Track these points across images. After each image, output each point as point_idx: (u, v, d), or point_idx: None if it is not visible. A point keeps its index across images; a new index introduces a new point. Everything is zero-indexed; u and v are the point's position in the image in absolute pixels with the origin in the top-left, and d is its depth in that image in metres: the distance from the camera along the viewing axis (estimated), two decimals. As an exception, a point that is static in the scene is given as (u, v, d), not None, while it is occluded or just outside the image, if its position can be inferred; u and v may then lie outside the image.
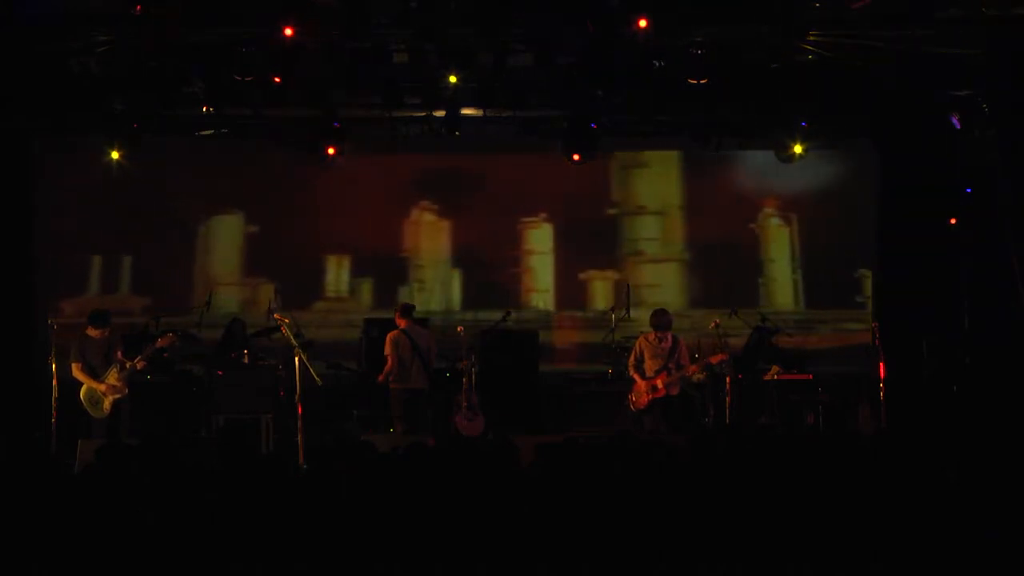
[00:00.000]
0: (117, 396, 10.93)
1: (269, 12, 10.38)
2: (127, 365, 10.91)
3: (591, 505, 5.40)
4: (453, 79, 11.92)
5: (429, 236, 15.14)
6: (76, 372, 10.91)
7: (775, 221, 15.09)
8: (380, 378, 11.94)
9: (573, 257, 15.06)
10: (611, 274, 15.00)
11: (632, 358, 11.71)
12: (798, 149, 13.72)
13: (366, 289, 15.01)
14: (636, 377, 11.58)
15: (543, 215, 15.03)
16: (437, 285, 15.09)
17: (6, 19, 10.25)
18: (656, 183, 15.18)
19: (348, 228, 14.77)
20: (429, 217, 15.12)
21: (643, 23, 10.22)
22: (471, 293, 15.01)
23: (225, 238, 14.77)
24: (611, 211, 15.16)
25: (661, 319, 11.68)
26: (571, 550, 5.10)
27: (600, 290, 15.07)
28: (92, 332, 10.99)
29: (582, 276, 15.07)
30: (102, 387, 10.87)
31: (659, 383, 11.41)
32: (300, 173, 14.42)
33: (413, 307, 12.46)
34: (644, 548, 5.15)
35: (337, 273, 15.04)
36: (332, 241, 14.89)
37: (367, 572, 4.99)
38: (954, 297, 13.73)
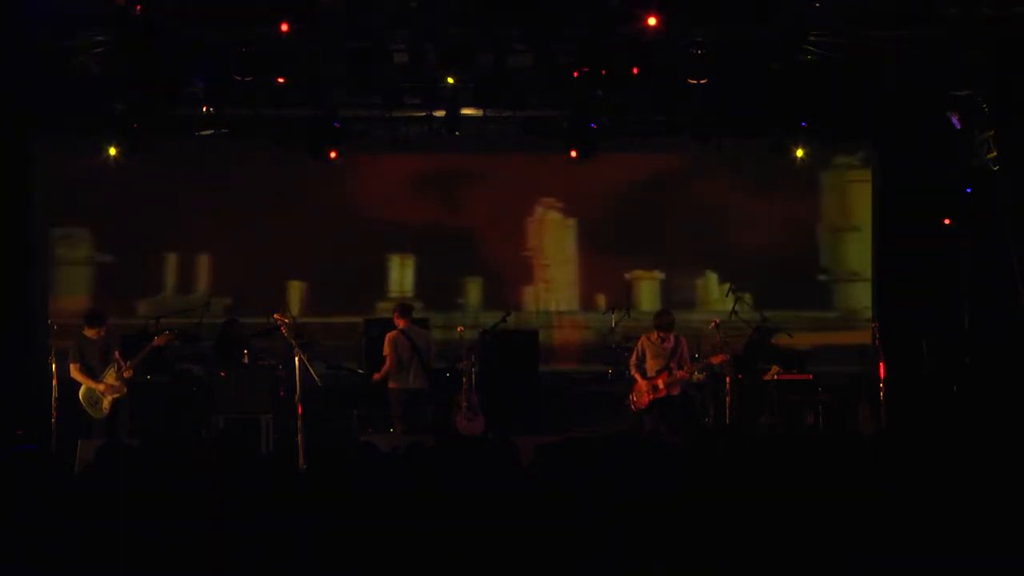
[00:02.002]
0: (116, 396, 10.93)
1: (269, 12, 10.36)
2: (121, 368, 10.92)
3: (591, 504, 5.40)
4: (451, 80, 11.92)
5: (554, 235, 15.09)
6: (74, 373, 10.93)
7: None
8: (376, 376, 11.95)
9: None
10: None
11: (634, 357, 11.71)
12: (800, 152, 13.73)
13: (474, 289, 14.95)
14: (637, 376, 11.58)
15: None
16: (564, 286, 15.06)
17: (7, 19, 10.24)
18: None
19: (415, 226, 14.77)
20: (554, 216, 15.09)
21: (652, 21, 10.18)
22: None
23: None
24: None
25: (664, 319, 11.69)
26: (571, 550, 5.10)
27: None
28: (89, 332, 11.00)
29: (628, 276, 15.03)
30: (100, 387, 10.88)
31: (660, 383, 11.41)
32: (354, 171, 14.41)
33: (411, 307, 12.45)
34: (644, 548, 5.14)
35: (401, 272, 15.00)
36: (395, 239, 14.88)
37: (367, 572, 4.99)
38: (954, 297, 13.72)
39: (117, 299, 14.14)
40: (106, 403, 10.89)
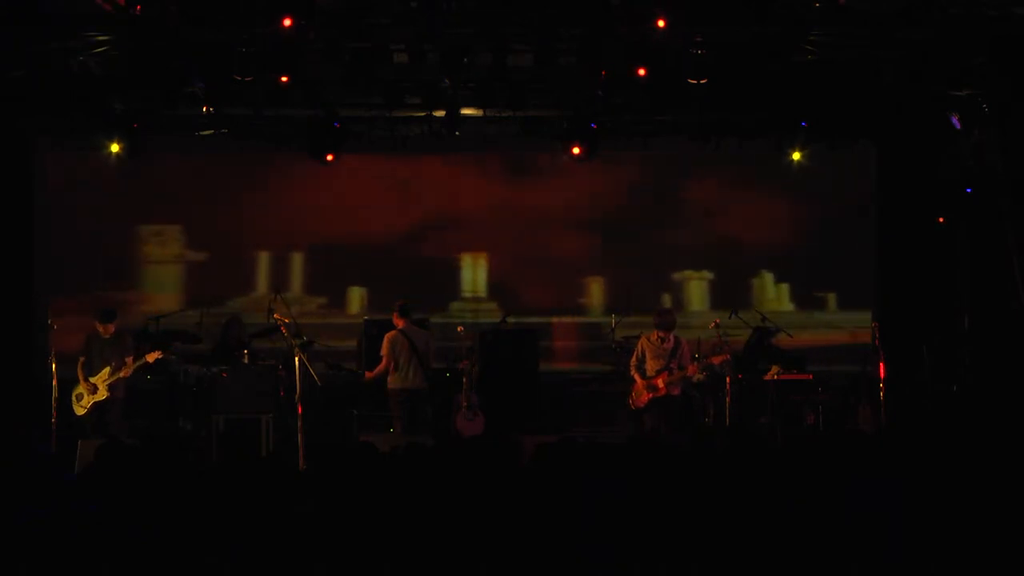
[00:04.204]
0: (96, 398, 11.01)
1: (269, 11, 10.35)
2: (115, 371, 11.01)
3: (590, 504, 5.40)
4: (448, 80, 11.93)
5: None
6: (78, 368, 11.07)
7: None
8: (368, 375, 12.01)
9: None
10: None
11: (633, 358, 11.70)
12: (796, 155, 13.75)
13: (596, 290, 14.82)
14: (636, 377, 11.57)
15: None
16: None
17: (7, 19, 10.25)
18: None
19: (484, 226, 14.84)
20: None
21: (661, 23, 10.19)
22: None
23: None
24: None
25: (665, 319, 11.68)
26: (571, 550, 5.10)
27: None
28: (100, 328, 11.14)
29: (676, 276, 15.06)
30: (83, 387, 10.98)
31: (659, 383, 11.40)
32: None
33: (411, 307, 12.43)
34: (644, 548, 5.15)
35: (474, 272, 15.00)
36: (466, 238, 14.92)
37: (367, 572, 4.99)
38: (954, 297, 13.72)
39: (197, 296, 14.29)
40: (86, 402, 10.97)
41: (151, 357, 11.20)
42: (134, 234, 14.68)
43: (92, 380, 11.01)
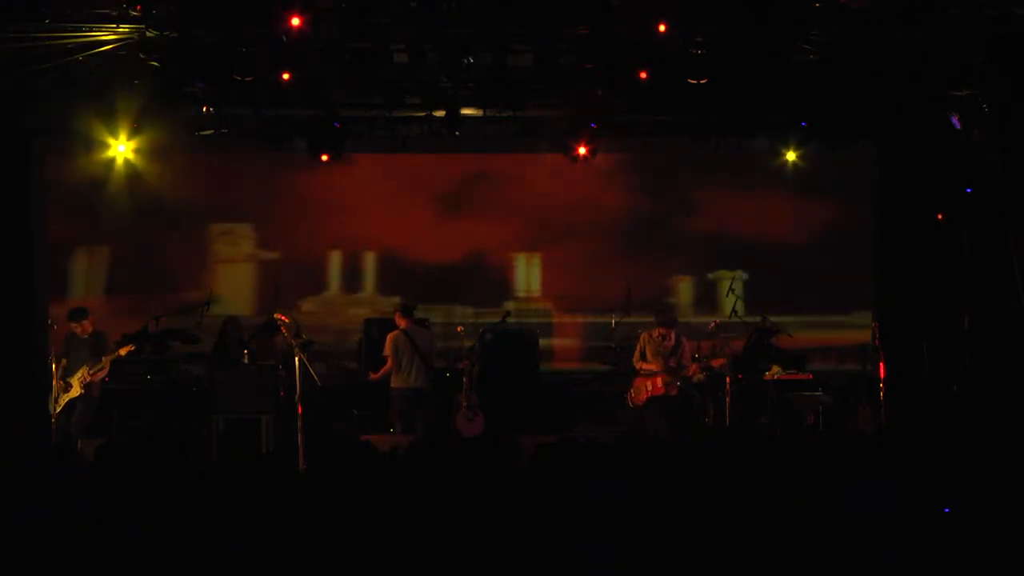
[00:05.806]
0: (70, 396, 11.06)
1: (269, 11, 10.34)
2: (91, 369, 11.03)
3: (590, 505, 5.40)
4: (448, 80, 11.93)
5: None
6: (57, 369, 11.12)
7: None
8: (373, 376, 12.01)
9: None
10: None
11: (636, 354, 11.72)
12: (791, 156, 13.71)
13: (685, 290, 14.82)
14: (642, 367, 11.58)
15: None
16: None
17: (7, 18, 10.25)
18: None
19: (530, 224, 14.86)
20: None
21: (662, 28, 10.20)
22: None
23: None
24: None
25: (667, 316, 11.68)
26: (571, 550, 5.10)
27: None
28: (76, 328, 11.16)
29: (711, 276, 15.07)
30: (59, 385, 11.01)
31: (659, 381, 11.41)
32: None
33: (413, 307, 12.44)
34: (644, 548, 5.15)
35: (527, 270, 14.99)
36: (520, 237, 14.94)
37: (367, 572, 4.99)
38: (954, 297, 13.71)
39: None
40: (62, 400, 11.02)
41: (123, 351, 11.25)
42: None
43: (68, 379, 11.06)
